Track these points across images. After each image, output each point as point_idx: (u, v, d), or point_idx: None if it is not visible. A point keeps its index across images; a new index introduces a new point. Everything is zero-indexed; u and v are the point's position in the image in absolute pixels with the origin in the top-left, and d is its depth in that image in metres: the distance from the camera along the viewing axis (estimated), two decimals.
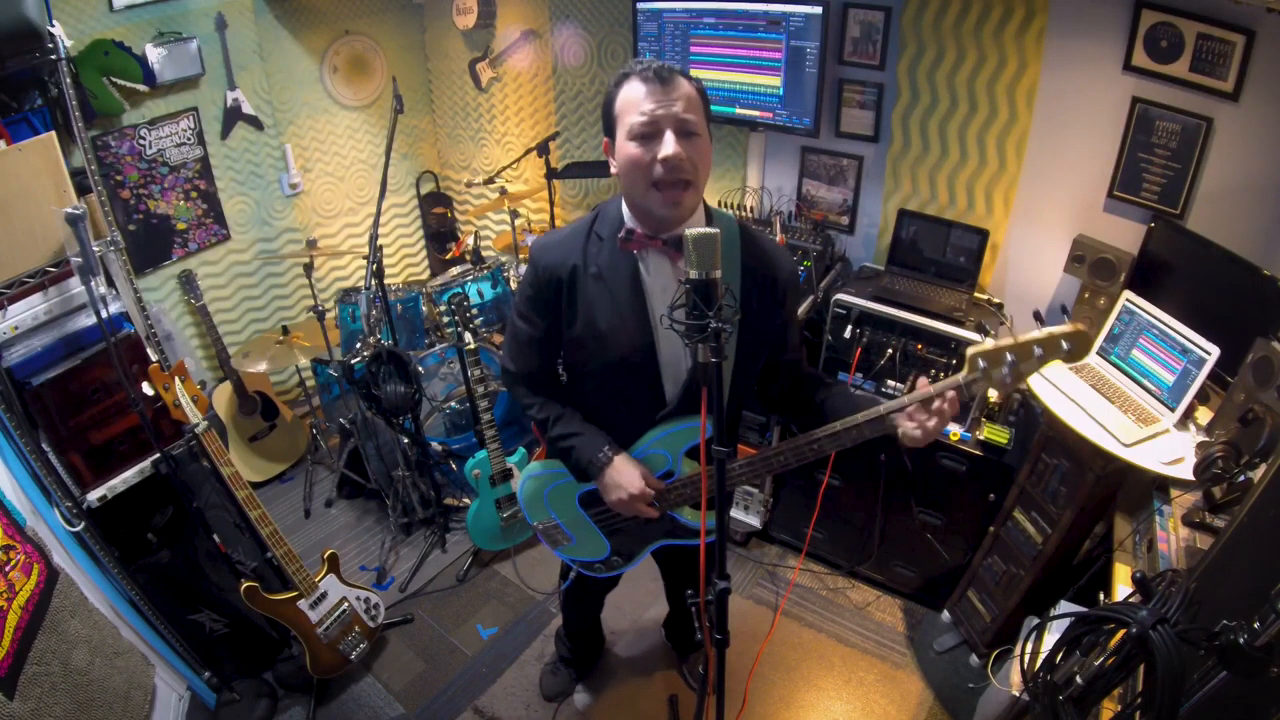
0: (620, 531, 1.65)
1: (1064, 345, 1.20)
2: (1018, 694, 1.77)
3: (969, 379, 1.23)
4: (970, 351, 1.22)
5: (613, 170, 1.33)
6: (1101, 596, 1.78)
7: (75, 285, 1.99)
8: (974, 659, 2.36)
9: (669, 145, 1.21)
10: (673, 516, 1.57)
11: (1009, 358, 1.20)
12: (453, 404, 3.14)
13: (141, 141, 2.81)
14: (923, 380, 1.28)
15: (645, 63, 1.24)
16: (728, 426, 1.42)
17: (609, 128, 1.30)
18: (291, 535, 2.51)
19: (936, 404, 1.23)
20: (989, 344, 1.22)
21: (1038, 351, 1.20)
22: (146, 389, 1.86)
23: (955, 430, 2.29)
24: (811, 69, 2.43)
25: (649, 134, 1.22)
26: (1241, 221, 1.92)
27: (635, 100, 1.23)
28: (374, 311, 2.65)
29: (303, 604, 2.15)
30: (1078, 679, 1.20)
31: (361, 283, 3.57)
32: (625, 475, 1.44)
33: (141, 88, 2.72)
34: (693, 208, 1.31)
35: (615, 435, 1.49)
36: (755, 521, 2.79)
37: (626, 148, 1.24)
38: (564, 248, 1.39)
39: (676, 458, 1.47)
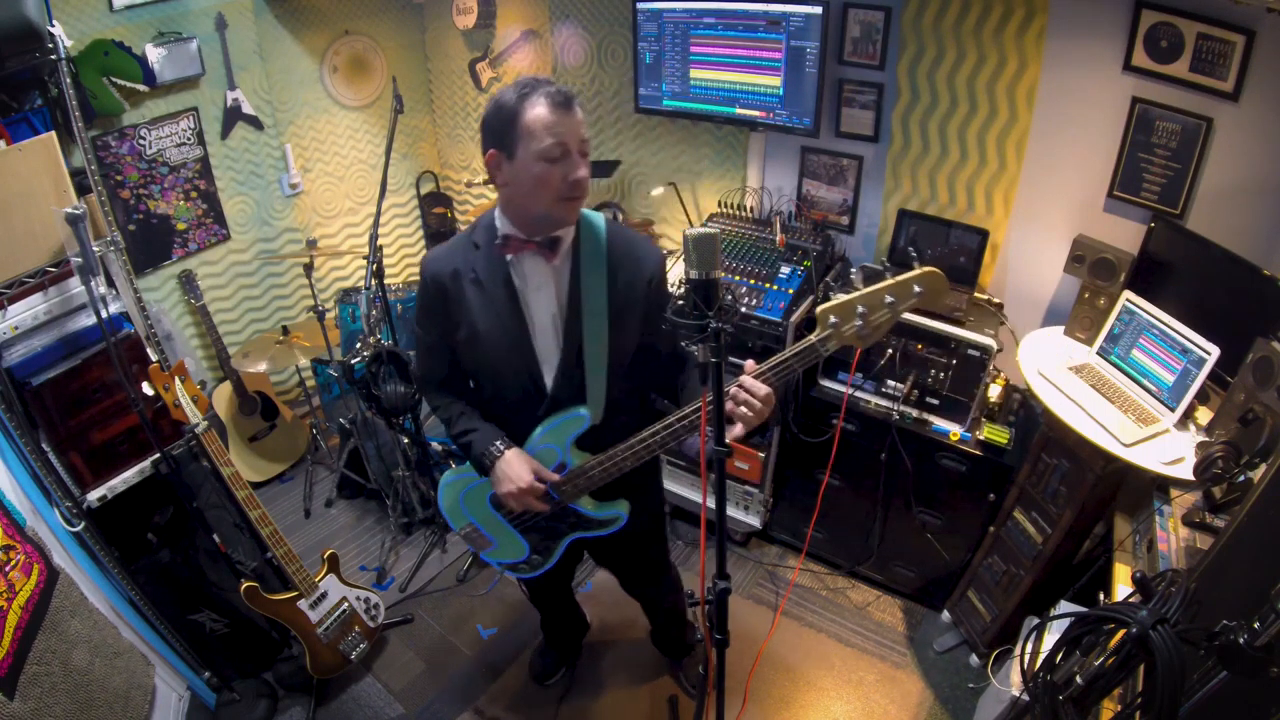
0: (532, 529, 1.70)
1: (915, 289, 1.21)
2: (1018, 694, 1.77)
3: (821, 337, 1.26)
4: (820, 309, 1.25)
5: (500, 181, 1.38)
6: (1101, 596, 1.78)
7: (75, 285, 1.99)
8: (974, 659, 2.36)
9: (581, 169, 1.32)
10: (574, 509, 1.62)
11: (860, 309, 1.23)
12: None
13: (141, 141, 2.81)
14: (749, 363, 1.32)
15: (543, 84, 1.29)
16: (609, 413, 1.52)
17: (504, 142, 1.32)
18: (291, 535, 2.51)
19: (739, 393, 1.28)
20: (837, 299, 1.25)
21: (889, 299, 1.23)
22: (146, 389, 1.86)
23: (955, 430, 2.29)
24: (811, 69, 2.43)
25: (558, 156, 1.29)
26: (1241, 221, 1.92)
27: (546, 123, 1.27)
28: (374, 311, 2.65)
29: (303, 604, 2.15)
30: (1078, 679, 1.20)
31: (361, 283, 3.58)
32: (514, 468, 1.51)
33: (141, 88, 2.72)
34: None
35: (510, 434, 1.56)
36: (755, 521, 2.79)
37: (535, 166, 1.30)
38: (446, 259, 1.49)
39: (565, 449, 1.53)
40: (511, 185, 1.36)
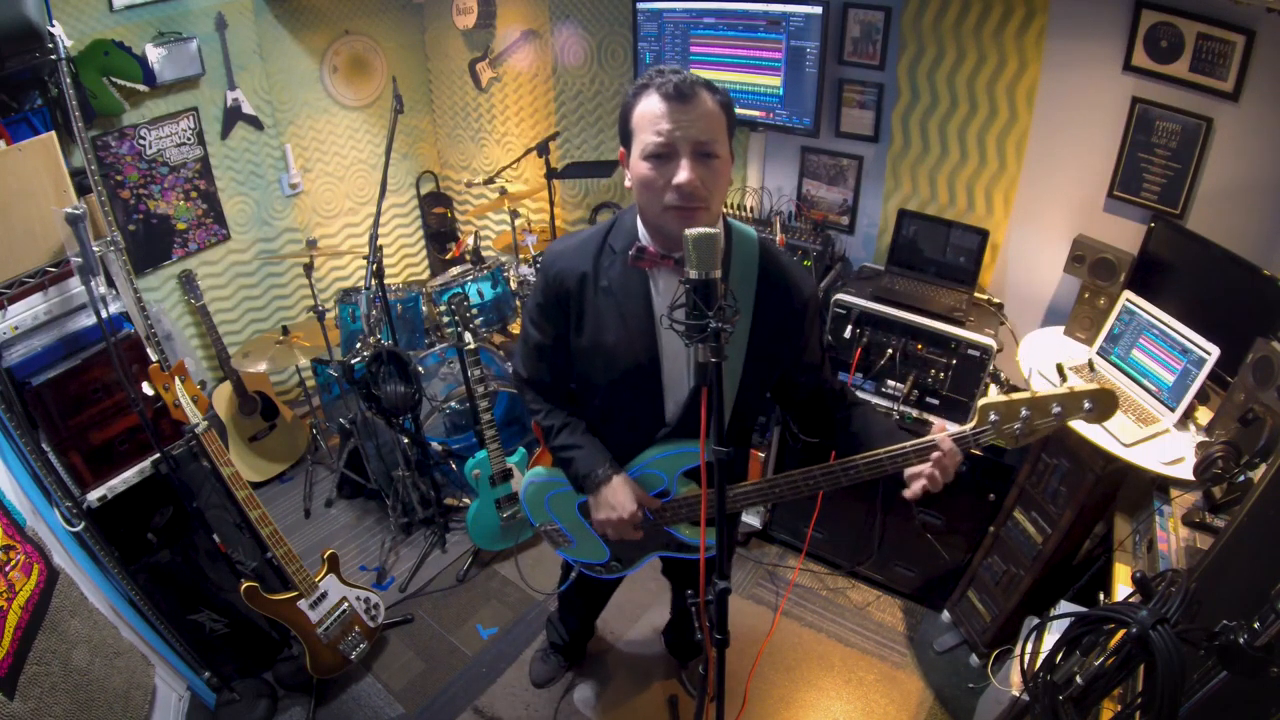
0: (620, 540, 1.66)
1: (1086, 405, 1.15)
2: (1018, 694, 1.77)
3: (977, 431, 1.19)
4: (982, 403, 1.18)
5: (627, 183, 1.29)
6: (1101, 596, 1.78)
7: (75, 285, 1.99)
8: (974, 659, 2.36)
9: (683, 172, 1.17)
10: (670, 532, 1.57)
11: (1023, 413, 1.16)
12: (453, 404, 3.14)
13: (141, 141, 2.81)
14: (938, 423, 1.26)
15: (667, 75, 1.18)
16: (731, 440, 1.40)
17: (625, 138, 1.26)
18: (291, 535, 2.51)
19: (935, 455, 1.20)
20: (1002, 397, 1.18)
21: (1056, 409, 1.16)
22: (146, 389, 1.86)
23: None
24: (811, 69, 2.43)
25: (663, 155, 1.17)
26: (1241, 221, 1.92)
27: (652, 117, 1.17)
28: (374, 311, 2.65)
29: (303, 604, 2.15)
30: (1078, 679, 1.20)
31: (361, 283, 3.58)
32: (619, 496, 1.44)
33: (141, 88, 2.72)
34: (709, 225, 1.21)
35: (614, 450, 1.49)
36: (755, 521, 2.80)
37: (640, 166, 1.20)
38: (575, 256, 1.36)
39: (673, 478, 1.47)
40: (632, 188, 1.26)
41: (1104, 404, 1.15)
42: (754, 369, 1.36)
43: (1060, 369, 2.10)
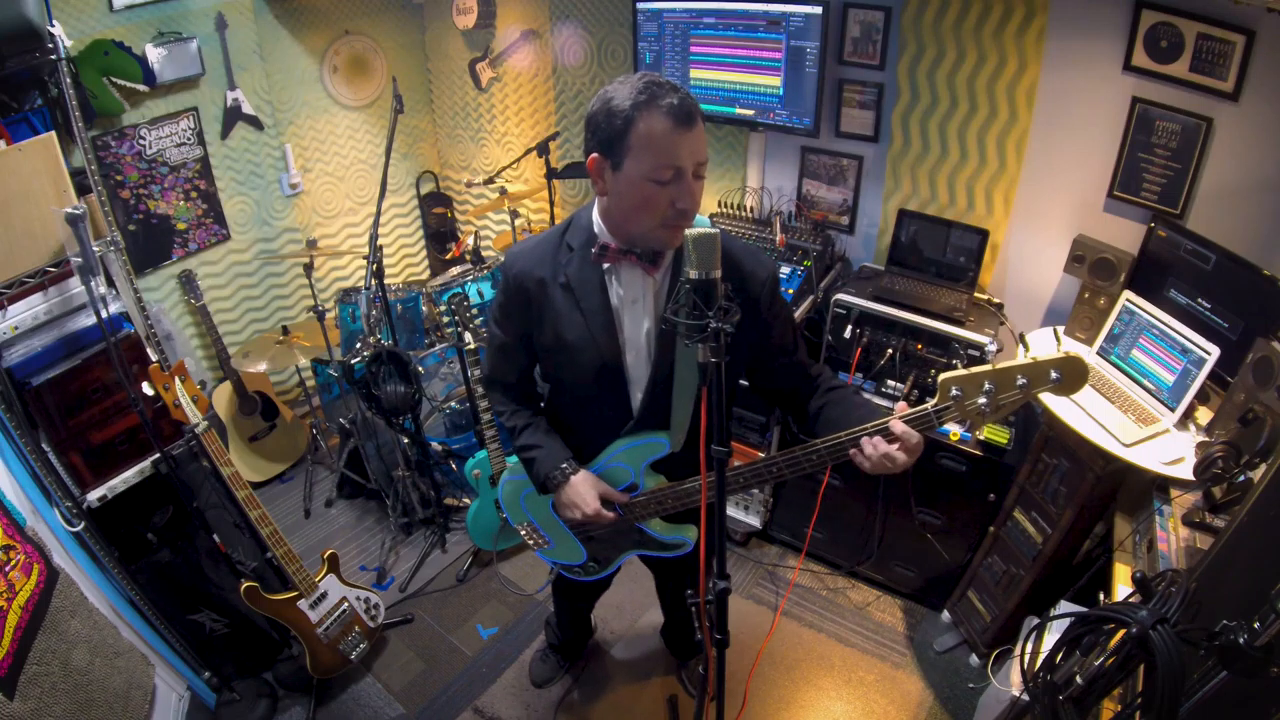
0: (594, 539, 1.67)
1: (1052, 375, 1.10)
2: (1018, 694, 1.76)
3: (939, 407, 1.17)
4: (942, 378, 1.15)
5: (602, 191, 1.28)
6: (1101, 596, 1.78)
7: (75, 285, 1.99)
8: (974, 659, 2.36)
9: (690, 195, 1.21)
10: (641, 528, 1.57)
11: (987, 386, 1.13)
12: (453, 404, 3.14)
13: (141, 141, 2.81)
14: (900, 405, 1.23)
15: (666, 91, 1.17)
16: (691, 442, 1.38)
17: (611, 150, 1.21)
18: (291, 535, 2.51)
19: (886, 445, 1.19)
20: (963, 370, 1.14)
21: (1021, 380, 1.11)
22: (146, 389, 1.86)
23: (955, 430, 2.29)
24: (811, 69, 2.43)
25: (670, 179, 1.19)
26: (1241, 221, 1.92)
27: (663, 141, 1.16)
28: (374, 311, 2.65)
29: (303, 604, 2.15)
30: (1078, 679, 1.20)
31: (361, 283, 3.58)
32: (580, 494, 1.45)
33: (141, 88, 2.72)
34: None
35: (585, 446, 1.50)
36: (755, 521, 2.79)
37: (642, 186, 1.20)
38: (534, 257, 1.39)
39: (639, 471, 1.48)
40: (612, 197, 1.27)
41: (1073, 372, 1.10)
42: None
43: (1022, 338, 2.07)
